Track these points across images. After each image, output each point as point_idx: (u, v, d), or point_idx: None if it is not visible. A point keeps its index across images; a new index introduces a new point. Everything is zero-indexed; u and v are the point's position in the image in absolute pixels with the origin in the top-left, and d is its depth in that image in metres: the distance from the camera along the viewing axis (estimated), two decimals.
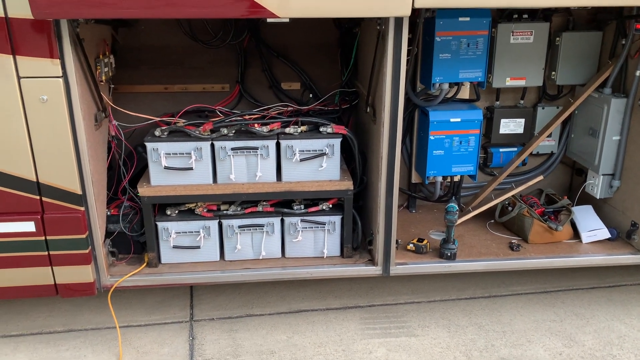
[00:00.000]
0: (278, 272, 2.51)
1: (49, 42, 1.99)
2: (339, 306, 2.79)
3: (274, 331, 2.60)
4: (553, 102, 2.97)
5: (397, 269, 2.49)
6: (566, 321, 2.68)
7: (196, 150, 2.37)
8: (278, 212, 2.53)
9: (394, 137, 2.26)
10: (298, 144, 2.43)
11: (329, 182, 2.48)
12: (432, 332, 2.59)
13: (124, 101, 2.61)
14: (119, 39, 2.71)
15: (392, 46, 2.12)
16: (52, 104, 2.06)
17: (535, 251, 2.65)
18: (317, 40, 2.91)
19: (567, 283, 2.99)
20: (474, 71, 2.56)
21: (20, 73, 2.01)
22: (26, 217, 2.21)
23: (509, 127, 2.94)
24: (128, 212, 2.50)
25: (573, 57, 2.78)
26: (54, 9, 1.83)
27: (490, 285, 2.96)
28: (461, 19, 2.48)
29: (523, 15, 2.72)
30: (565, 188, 3.21)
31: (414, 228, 2.85)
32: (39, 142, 2.11)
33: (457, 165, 2.67)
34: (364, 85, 2.64)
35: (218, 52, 2.83)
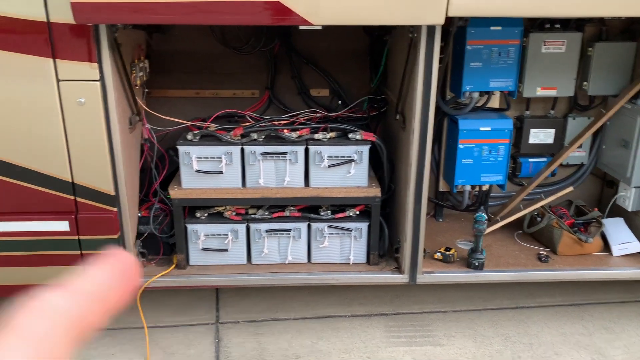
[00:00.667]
0: (304, 277, 2.52)
1: (88, 46, 2.04)
2: (364, 313, 2.79)
3: (299, 336, 2.61)
4: (584, 113, 2.94)
5: (424, 277, 2.48)
6: (595, 335, 2.64)
7: (227, 155, 2.40)
8: (305, 217, 2.54)
9: (424, 144, 2.26)
10: (327, 150, 2.44)
11: (357, 189, 2.48)
12: (458, 342, 2.57)
13: (157, 105, 2.65)
14: (153, 45, 2.76)
15: (423, 54, 2.13)
16: (89, 107, 2.11)
17: (564, 263, 2.61)
18: (347, 48, 2.93)
19: (597, 296, 2.95)
20: (505, 80, 2.55)
21: (59, 76, 2.07)
22: (61, 216, 2.26)
23: (539, 137, 2.91)
24: (158, 214, 2.54)
25: (606, 68, 2.74)
26: (96, 14, 1.88)
27: (517, 296, 2.93)
28: (493, 28, 2.47)
29: (555, 25, 2.69)
30: (595, 200, 3.16)
31: (441, 237, 2.83)
32: (75, 144, 2.17)
33: (486, 175, 2.65)
34: (393, 92, 2.65)
35: (249, 58, 2.87)
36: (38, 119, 2.11)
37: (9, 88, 2.06)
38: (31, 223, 2.28)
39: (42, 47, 2.01)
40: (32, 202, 2.23)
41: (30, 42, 2.01)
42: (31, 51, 2.02)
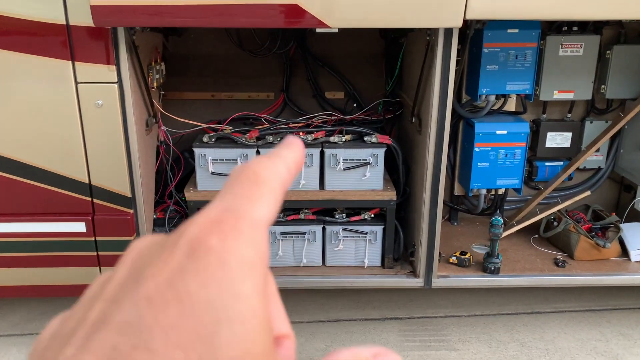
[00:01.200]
0: (318, 280, 2.52)
1: (106, 49, 2.06)
2: (378, 317, 2.78)
3: (312, 339, 2.60)
4: (602, 116, 2.91)
5: (439, 281, 2.47)
6: (612, 341, 2.61)
7: (242, 157, 2.41)
8: (320, 220, 2.54)
9: (440, 148, 2.25)
10: (342, 152, 2.44)
11: (372, 192, 2.48)
12: (473, 346, 2.55)
13: (172, 107, 2.67)
14: (169, 47, 2.78)
15: (440, 57, 2.12)
16: (107, 109, 2.13)
17: (581, 268, 2.58)
18: (362, 50, 2.93)
19: (614, 302, 2.91)
20: (522, 83, 2.53)
21: (78, 78, 2.08)
22: (78, 217, 2.28)
23: (556, 141, 2.89)
24: (174, 216, 2.55)
25: (624, 71, 2.71)
26: (115, 17, 1.90)
27: (533, 302, 2.90)
28: (510, 30, 2.45)
29: (573, 28, 2.67)
30: (613, 204, 3.13)
31: (456, 241, 2.82)
32: (93, 146, 2.18)
33: (502, 178, 2.64)
34: (409, 95, 2.64)
35: (264, 61, 2.88)
36: (56, 121, 2.13)
37: (29, 90, 2.09)
38: (48, 224, 2.29)
39: (62, 49, 2.03)
40: (49, 203, 2.25)
41: (49, 45, 2.03)
42: (50, 54, 2.04)
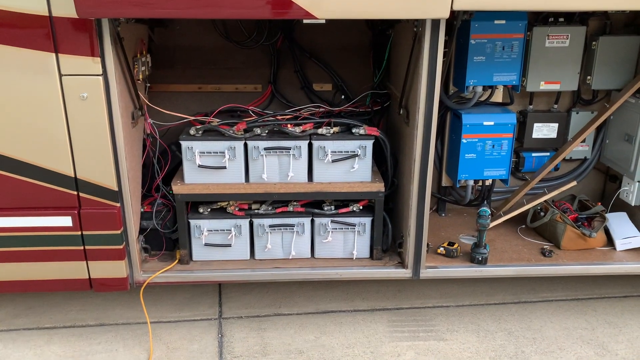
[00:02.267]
0: (307, 272, 2.52)
1: (90, 40, 2.03)
2: (367, 308, 2.79)
3: (302, 331, 2.61)
4: (588, 107, 2.93)
5: (427, 272, 2.48)
6: (598, 329, 2.64)
7: (230, 150, 2.39)
8: (308, 212, 2.54)
9: (428, 139, 2.25)
10: (330, 144, 2.43)
11: (360, 184, 2.48)
12: (461, 336, 2.57)
13: (159, 100, 2.65)
14: (155, 39, 2.75)
15: (428, 48, 2.12)
16: (92, 102, 2.10)
17: (567, 258, 2.61)
18: (349, 42, 2.92)
19: (600, 291, 2.95)
20: (509, 74, 2.54)
21: (62, 71, 2.05)
22: (63, 211, 2.26)
23: (542, 132, 2.90)
24: (161, 210, 2.54)
25: (609, 62, 2.73)
26: (98, 8, 1.87)
27: (520, 291, 2.93)
28: (497, 21, 2.45)
29: (559, 19, 2.68)
30: (599, 194, 3.16)
31: (444, 231, 2.83)
32: (78, 139, 2.16)
33: (489, 169, 2.65)
34: (396, 87, 2.64)
35: (251, 52, 2.86)
36: (40, 113, 2.10)
37: (12, 83, 2.05)
38: (34, 219, 2.27)
39: (45, 41, 2.00)
40: (35, 197, 2.22)
41: (32, 37, 1.99)
42: (34, 46, 2.00)
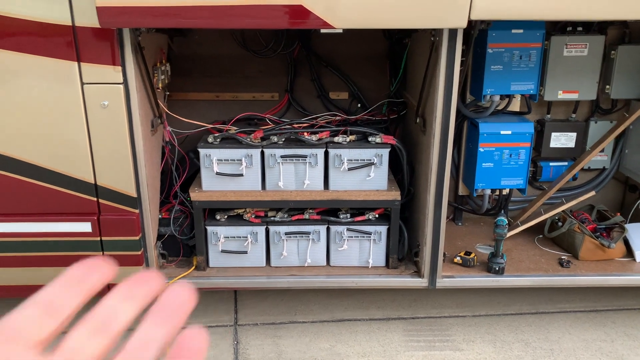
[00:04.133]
0: (323, 280, 2.52)
1: (111, 50, 2.06)
2: (382, 317, 2.78)
3: (317, 339, 2.61)
4: (606, 117, 2.91)
5: (443, 281, 2.47)
6: (617, 342, 2.60)
7: (247, 157, 2.41)
8: (324, 220, 2.54)
9: (445, 148, 2.25)
10: (347, 153, 2.44)
11: (376, 192, 2.48)
12: (478, 347, 2.56)
13: (177, 108, 2.68)
14: (174, 48, 2.79)
15: (445, 57, 2.12)
16: (113, 110, 2.14)
17: (586, 268, 2.58)
18: (366, 51, 2.93)
19: (618, 303, 2.91)
20: (526, 84, 2.53)
21: (83, 79, 2.09)
22: (83, 217, 2.29)
23: (560, 141, 2.88)
24: (178, 216, 2.56)
25: (629, 71, 2.71)
26: (120, 18, 1.90)
27: (537, 302, 2.90)
28: (514, 30, 2.45)
29: (577, 28, 2.67)
30: (618, 204, 3.12)
31: (460, 241, 2.82)
32: (98, 146, 2.19)
33: (507, 179, 2.64)
34: (413, 95, 2.64)
35: (268, 61, 2.89)
36: (62, 121, 2.14)
37: (35, 91, 2.10)
38: (54, 224, 2.30)
39: (68, 50, 2.04)
40: (55, 203, 2.26)
41: (55, 46, 2.04)
42: (57, 55, 2.05)
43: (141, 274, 0.43)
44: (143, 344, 0.40)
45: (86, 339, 0.38)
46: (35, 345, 0.37)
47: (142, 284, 0.42)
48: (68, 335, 0.38)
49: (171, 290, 0.42)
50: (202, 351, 0.41)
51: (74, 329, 0.39)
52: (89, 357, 0.38)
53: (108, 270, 0.42)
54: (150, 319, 0.41)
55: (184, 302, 0.42)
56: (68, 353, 0.37)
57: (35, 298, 0.39)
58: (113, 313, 0.40)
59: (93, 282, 0.41)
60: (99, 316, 0.40)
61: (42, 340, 0.37)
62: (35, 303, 0.39)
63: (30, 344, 0.37)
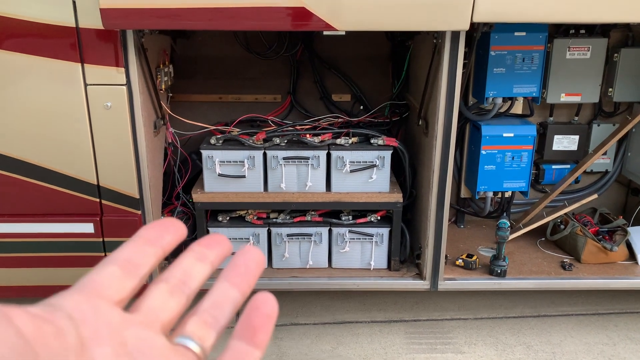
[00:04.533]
0: (325, 282, 2.52)
1: (115, 51, 2.07)
2: (384, 319, 2.78)
3: (318, 341, 2.61)
4: (609, 119, 2.90)
5: (445, 284, 2.46)
6: (620, 345, 2.60)
7: (249, 159, 2.42)
8: (326, 222, 2.54)
9: (447, 150, 2.25)
10: (349, 155, 2.45)
11: (378, 194, 2.48)
12: (479, 349, 2.55)
13: (180, 109, 2.69)
14: (177, 50, 2.79)
15: (447, 60, 2.12)
16: (116, 111, 2.14)
17: (588, 271, 2.58)
18: (369, 53, 2.94)
19: (621, 306, 2.90)
20: (529, 86, 2.53)
21: (87, 80, 2.10)
22: (86, 218, 2.30)
23: (563, 144, 2.88)
24: (181, 217, 2.56)
25: (632, 74, 2.71)
26: (124, 19, 1.91)
27: (539, 305, 2.90)
28: (517, 33, 2.46)
29: (580, 31, 2.67)
30: (620, 208, 3.12)
31: (462, 243, 2.82)
32: (101, 147, 2.20)
33: (509, 181, 2.63)
34: (415, 98, 2.64)
35: (271, 63, 2.89)
36: (66, 122, 2.15)
37: (38, 92, 2.10)
38: (56, 225, 2.31)
39: (71, 52, 2.05)
40: (58, 204, 2.27)
41: (59, 47, 2.05)
42: (60, 56, 2.05)
43: (211, 236, 0.44)
44: (218, 304, 0.41)
45: (165, 298, 0.39)
46: (117, 303, 0.37)
47: (214, 245, 0.43)
48: (147, 294, 0.39)
49: (243, 252, 0.43)
50: (273, 315, 0.41)
51: (152, 287, 0.39)
52: (168, 315, 0.39)
53: (180, 230, 0.43)
54: (224, 279, 0.42)
55: (256, 264, 0.43)
56: (149, 311, 0.38)
57: (112, 257, 0.39)
58: (188, 273, 0.41)
59: (167, 241, 0.42)
60: (175, 276, 0.40)
61: (123, 298, 0.38)
62: (113, 262, 0.39)
63: (113, 301, 0.37)
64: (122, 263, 0.39)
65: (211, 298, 0.41)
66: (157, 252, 0.41)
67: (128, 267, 0.39)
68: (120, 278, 0.38)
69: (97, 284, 0.37)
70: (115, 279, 0.38)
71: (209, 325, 0.40)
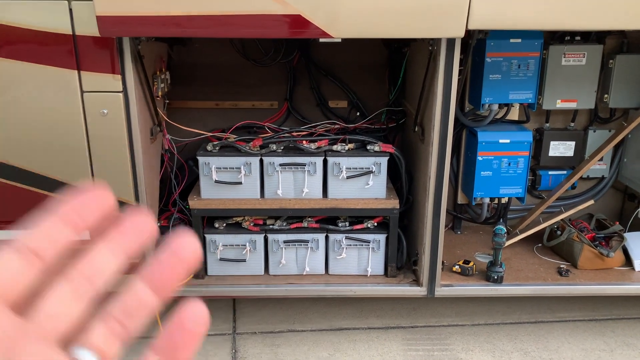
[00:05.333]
0: (321, 289, 2.52)
1: (111, 58, 2.08)
2: (381, 326, 2.77)
3: (315, 348, 2.60)
4: (605, 125, 2.91)
5: (442, 290, 2.46)
6: (617, 351, 2.59)
7: (246, 165, 2.42)
8: (323, 228, 2.54)
9: (443, 156, 2.26)
10: (345, 161, 2.45)
11: (375, 200, 2.48)
12: (477, 356, 2.55)
13: (177, 116, 2.69)
14: (174, 56, 2.80)
15: (443, 66, 2.13)
16: (112, 118, 2.14)
17: (585, 277, 2.58)
18: (365, 60, 2.95)
19: (618, 312, 2.90)
20: (525, 92, 2.54)
21: (83, 87, 2.10)
22: None
23: (559, 150, 2.89)
24: (177, 224, 2.56)
25: (627, 80, 2.72)
26: (120, 27, 1.92)
27: (536, 311, 2.89)
28: (512, 40, 2.47)
29: (575, 37, 2.68)
30: (617, 213, 3.12)
31: (459, 249, 2.82)
32: (98, 154, 2.20)
33: (505, 187, 2.64)
34: (412, 104, 2.65)
35: (268, 70, 2.90)
36: (62, 129, 2.15)
37: (35, 99, 2.11)
38: None
39: (68, 59, 2.06)
40: None
41: (56, 54, 2.05)
42: (57, 63, 2.06)
43: (133, 218, 0.36)
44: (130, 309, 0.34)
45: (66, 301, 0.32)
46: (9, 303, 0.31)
47: (133, 231, 0.35)
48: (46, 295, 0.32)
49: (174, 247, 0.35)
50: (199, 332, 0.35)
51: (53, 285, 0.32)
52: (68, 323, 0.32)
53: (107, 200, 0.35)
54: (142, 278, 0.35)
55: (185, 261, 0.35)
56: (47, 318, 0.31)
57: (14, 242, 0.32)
58: (96, 268, 0.33)
59: (89, 218, 0.34)
60: (81, 271, 0.33)
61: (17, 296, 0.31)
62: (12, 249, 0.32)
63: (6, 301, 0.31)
64: (21, 251, 0.32)
65: (123, 301, 0.34)
66: (69, 236, 0.33)
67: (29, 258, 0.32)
68: (18, 268, 0.31)
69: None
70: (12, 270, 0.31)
71: (115, 334, 0.33)
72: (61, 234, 0.33)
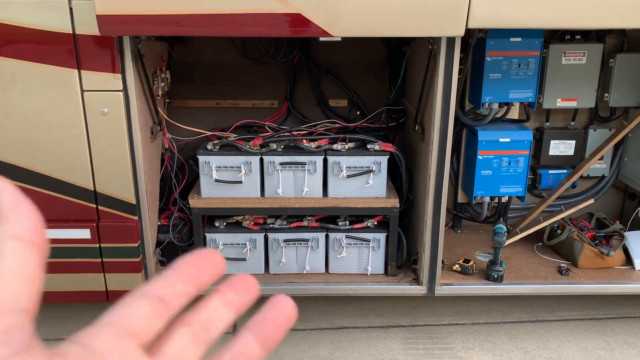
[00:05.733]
0: (321, 287, 2.52)
1: (111, 57, 2.08)
2: (381, 325, 2.77)
3: (315, 346, 2.60)
4: (605, 124, 2.91)
5: (442, 289, 2.46)
6: (617, 350, 2.59)
7: (246, 164, 2.42)
8: (323, 227, 2.54)
9: (443, 155, 2.26)
10: (345, 160, 2.45)
11: (375, 199, 2.48)
12: (477, 355, 2.55)
13: (177, 115, 2.69)
14: (174, 55, 2.80)
15: (443, 65, 2.13)
16: (112, 117, 2.14)
17: (585, 276, 2.58)
18: (365, 59, 2.95)
19: (618, 311, 2.90)
20: (525, 91, 2.54)
21: (83, 86, 2.10)
22: (82, 224, 2.29)
23: (559, 149, 2.89)
24: (178, 223, 2.57)
25: (627, 79, 2.72)
26: (121, 26, 1.92)
27: (536, 310, 2.90)
28: (512, 39, 2.46)
29: (576, 36, 2.68)
30: (617, 212, 3.12)
31: (459, 248, 2.82)
32: (98, 153, 2.20)
33: (506, 186, 2.64)
34: (412, 103, 2.65)
35: (268, 69, 2.90)
36: (62, 128, 2.15)
37: (35, 98, 2.11)
38: (53, 231, 2.30)
39: (68, 58, 2.06)
40: (55, 210, 2.26)
41: (56, 54, 2.05)
42: (57, 62, 2.06)
43: (239, 277, 0.41)
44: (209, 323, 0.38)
45: (187, 345, 0.36)
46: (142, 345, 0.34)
47: (241, 288, 0.40)
48: (170, 337, 0.36)
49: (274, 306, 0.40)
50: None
51: (175, 330, 0.36)
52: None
53: (220, 266, 0.40)
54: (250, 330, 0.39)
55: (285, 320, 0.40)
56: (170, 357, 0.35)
57: (144, 291, 0.36)
58: (212, 319, 0.38)
59: (204, 280, 0.38)
60: (199, 320, 0.37)
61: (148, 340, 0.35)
62: (145, 297, 0.36)
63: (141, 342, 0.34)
64: (153, 300, 0.36)
65: (233, 350, 0.38)
66: (191, 292, 0.37)
67: (159, 306, 0.36)
68: (150, 317, 0.35)
69: (128, 322, 0.34)
70: (146, 318, 0.35)
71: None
72: (184, 288, 0.38)
